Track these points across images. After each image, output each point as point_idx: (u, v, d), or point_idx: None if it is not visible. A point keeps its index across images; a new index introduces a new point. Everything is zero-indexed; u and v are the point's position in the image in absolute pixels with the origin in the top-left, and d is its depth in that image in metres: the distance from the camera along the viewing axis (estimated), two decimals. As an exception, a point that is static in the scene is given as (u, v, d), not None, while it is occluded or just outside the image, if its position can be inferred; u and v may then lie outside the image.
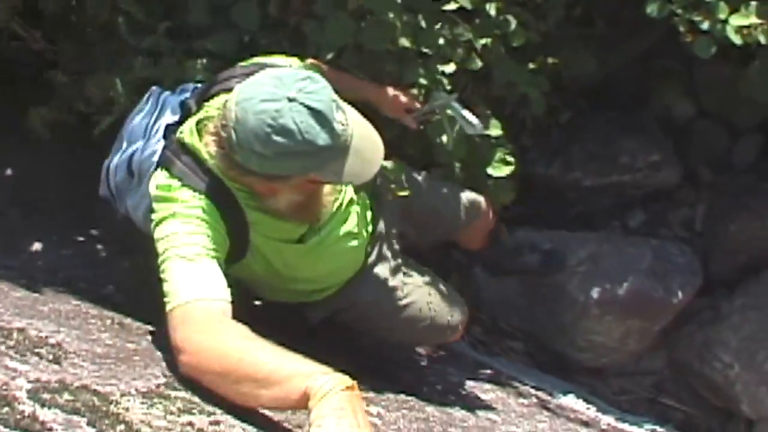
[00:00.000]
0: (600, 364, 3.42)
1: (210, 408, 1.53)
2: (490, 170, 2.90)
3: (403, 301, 2.38)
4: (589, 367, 3.42)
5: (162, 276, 1.71)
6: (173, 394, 1.56)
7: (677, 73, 3.73)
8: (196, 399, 1.56)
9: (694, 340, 3.42)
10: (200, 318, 1.62)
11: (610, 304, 3.28)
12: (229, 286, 1.72)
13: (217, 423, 1.48)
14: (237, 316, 1.66)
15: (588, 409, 3.06)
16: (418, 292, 2.43)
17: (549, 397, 2.99)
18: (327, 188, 1.97)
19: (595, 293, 3.27)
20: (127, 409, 1.42)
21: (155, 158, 1.95)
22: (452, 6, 2.82)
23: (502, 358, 3.30)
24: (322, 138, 1.67)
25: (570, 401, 3.06)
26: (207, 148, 1.83)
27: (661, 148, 3.60)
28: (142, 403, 1.47)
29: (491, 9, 2.89)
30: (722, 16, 2.80)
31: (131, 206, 2.09)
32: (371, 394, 2.06)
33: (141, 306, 2.09)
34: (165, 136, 2.00)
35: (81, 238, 2.72)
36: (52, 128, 2.87)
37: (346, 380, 1.47)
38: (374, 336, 2.56)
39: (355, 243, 2.18)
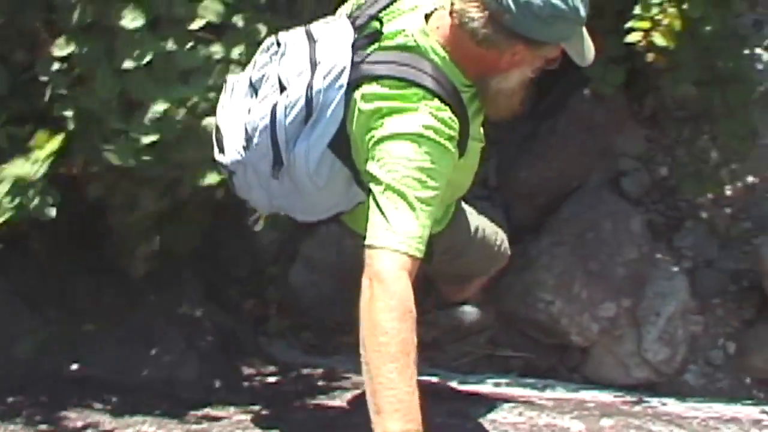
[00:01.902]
0: (432, 336, 3.51)
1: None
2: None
3: (478, 226, 2.68)
4: (423, 342, 3.47)
5: (387, 198, 1.83)
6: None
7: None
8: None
9: (513, 288, 3.59)
10: (401, 288, 1.80)
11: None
12: None
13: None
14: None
15: (430, 380, 3.15)
16: (479, 218, 2.71)
17: (390, 379, 3.06)
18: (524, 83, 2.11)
19: (412, 267, 3.34)
20: None
21: (342, 81, 1.97)
22: (199, 24, 2.84)
23: (338, 355, 3.37)
24: (582, 9, 1.91)
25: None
26: (437, 40, 1.97)
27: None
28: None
29: (239, 20, 2.93)
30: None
31: (301, 152, 2.04)
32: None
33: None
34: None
35: None
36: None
37: None
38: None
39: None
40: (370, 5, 2.09)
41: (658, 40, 2.96)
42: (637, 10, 3.03)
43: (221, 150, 2.25)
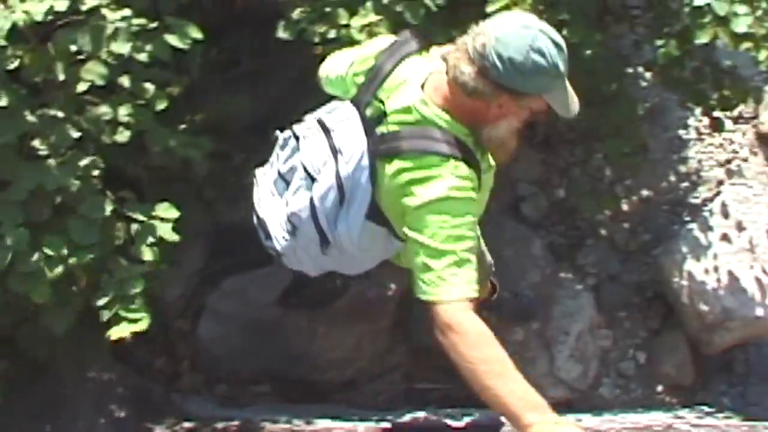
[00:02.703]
0: (348, 378, 3.55)
1: None
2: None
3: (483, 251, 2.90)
4: (339, 384, 3.54)
5: (436, 259, 2.06)
6: None
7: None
8: None
9: (423, 321, 3.56)
10: (471, 325, 2.06)
11: (333, 319, 3.41)
12: None
13: None
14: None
15: (346, 422, 3.17)
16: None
17: (306, 426, 3.08)
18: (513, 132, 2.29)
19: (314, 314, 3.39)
20: None
21: (365, 161, 2.22)
22: (83, 87, 2.83)
23: (254, 406, 3.35)
24: (561, 64, 2.08)
25: (326, 423, 3.16)
26: (437, 103, 2.17)
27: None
28: None
29: (125, 80, 2.94)
30: (344, 22, 3.04)
31: (344, 231, 2.31)
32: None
33: None
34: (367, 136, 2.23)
35: None
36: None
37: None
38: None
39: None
40: (366, 90, 2.31)
41: None
42: None
43: (268, 237, 2.52)
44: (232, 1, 3.08)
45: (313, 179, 2.32)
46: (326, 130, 2.33)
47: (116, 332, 2.76)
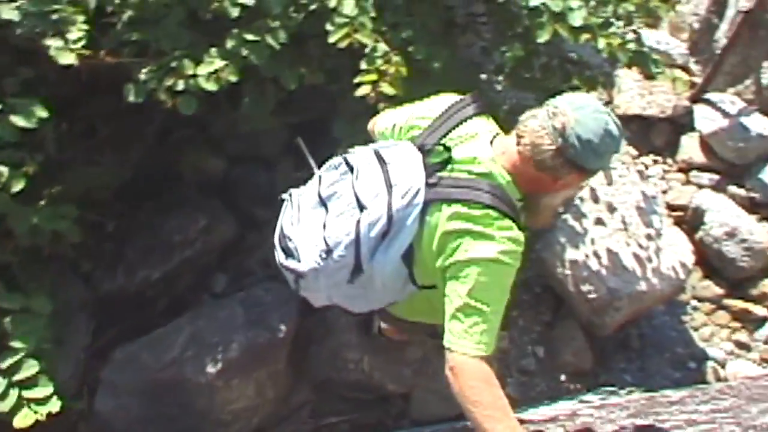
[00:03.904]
0: (256, 425, 3.53)
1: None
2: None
3: None
4: (247, 430, 3.52)
5: (472, 312, 2.18)
6: None
7: (193, 137, 3.94)
8: None
9: (321, 356, 3.67)
10: (483, 374, 2.16)
11: (230, 370, 3.39)
12: None
13: None
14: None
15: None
16: None
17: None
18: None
19: (210, 368, 3.36)
20: None
21: (418, 200, 2.28)
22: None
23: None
24: (620, 145, 2.27)
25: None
26: (503, 165, 2.29)
27: (206, 212, 3.81)
28: None
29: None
30: (190, 72, 3.05)
31: (379, 263, 2.34)
32: None
33: None
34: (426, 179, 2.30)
35: None
36: None
37: None
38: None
39: None
40: (434, 130, 2.42)
41: (387, 89, 3.04)
42: (364, 65, 3.10)
43: (291, 257, 2.50)
44: (77, 72, 3.04)
45: (362, 207, 2.34)
46: (383, 162, 2.38)
47: (21, 420, 2.69)
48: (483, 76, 4.26)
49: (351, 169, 2.43)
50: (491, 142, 2.36)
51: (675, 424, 2.79)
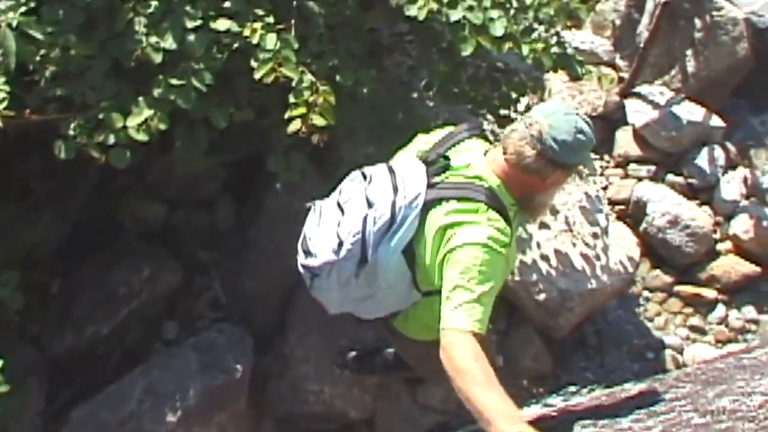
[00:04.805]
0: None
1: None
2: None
3: None
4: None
5: (463, 291, 2.37)
6: None
7: (131, 186, 3.92)
8: None
9: (281, 391, 3.68)
10: (469, 345, 2.29)
11: (190, 417, 3.37)
12: None
13: None
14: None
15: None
16: None
17: None
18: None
19: (170, 417, 3.33)
20: None
21: (419, 201, 2.54)
22: None
23: None
24: (593, 139, 2.55)
25: None
26: (493, 171, 2.57)
27: (149, 260, 3.78)
28: None
29: None
30: (119, 125, 3.03)
31: (382, 255, 2.57)
32: None
33: None
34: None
35: None
36: None
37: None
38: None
39: None
40: (436, 148, 2.71)
41: (318, 120, 3.07)
42: (292, 98, 3.10)
43: (309, 255, 2.71)
44: (4, 133, 3.01)
45: (370, 205, 2.61)
46: (392, 172, 2.67)
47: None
48: (414, 95, 4.29)
49: (365, 178, 2.72)
50: (484, 154, 2.67)
51: (636, 418, 2.83)
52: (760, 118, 5.56)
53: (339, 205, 2.72)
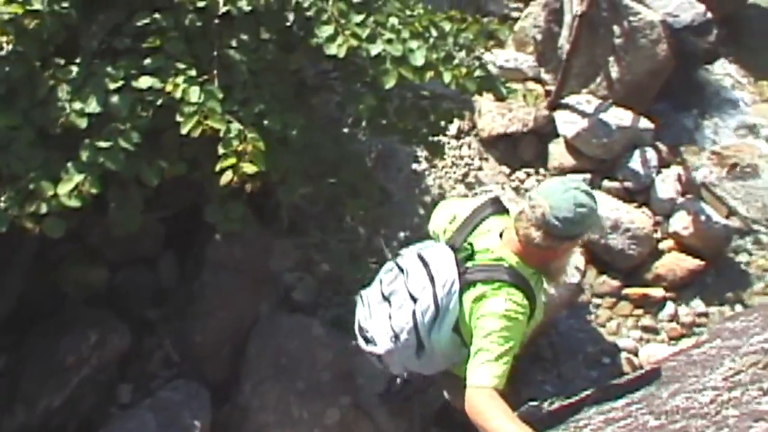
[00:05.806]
0: None
1: None
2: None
3: None
4: None
5: (484, 353, 2.70)
6: None
7: (70, 252, 3.88)
8: None
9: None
10: (490, 397, 2.64)
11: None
12: None
13: None
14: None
15: None
16: None
17: None
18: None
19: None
20: None
21: (455, 288, 2.87)
22: None
23: None
24: (595, 206, 2.79)
25: None
26: (510, 250, 2.87)
27: (96, 325, 3.74)
28: None
29: None
30: (50, 193, 3.02)
31: (436, 339, 2.94)
32: None
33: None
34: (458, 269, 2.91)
35: None
36: None
37: None
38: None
39: None
40: (458, 233, 3.03)
41: (248, 168, 3.06)
42: (221, 149, 3.10)
43: (370, 342, 3.08)
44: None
45: (414, 299, 2.94)
46: (425, 263, 2.97)
47: None
48: (345, 130, 4.33)
49: (402, 270, 3.04)
50: (500, 235, 2.96)
51: (595, 428, 2.88)
52: (687, 115, 5.72)
53: (384, 296, 3.07)
